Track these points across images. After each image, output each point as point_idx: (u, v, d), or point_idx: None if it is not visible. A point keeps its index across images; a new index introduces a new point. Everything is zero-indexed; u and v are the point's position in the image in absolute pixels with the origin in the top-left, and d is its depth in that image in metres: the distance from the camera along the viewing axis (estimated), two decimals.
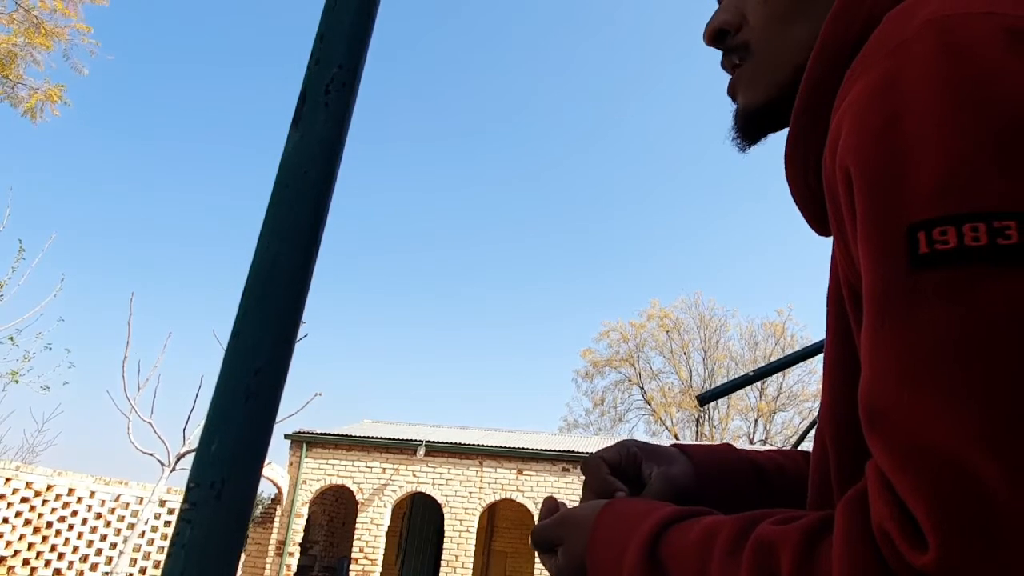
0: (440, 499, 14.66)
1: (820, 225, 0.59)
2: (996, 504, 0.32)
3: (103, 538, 12.36)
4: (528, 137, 41.79)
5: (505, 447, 14.95)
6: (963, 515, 0.32)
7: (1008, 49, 0.37)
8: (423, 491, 14.78)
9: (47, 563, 11.52)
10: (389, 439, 15.10)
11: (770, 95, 0.61)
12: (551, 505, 0.64)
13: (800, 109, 0.54)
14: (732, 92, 0.66)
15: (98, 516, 12.35)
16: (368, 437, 15.14)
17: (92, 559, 12.18)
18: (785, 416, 27.09)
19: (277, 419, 0.56)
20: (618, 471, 0.67)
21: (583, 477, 0.68)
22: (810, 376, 26.70)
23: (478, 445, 15.00)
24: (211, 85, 41.96)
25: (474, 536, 14.47)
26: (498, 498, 14.70)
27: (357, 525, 14.56)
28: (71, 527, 11.88)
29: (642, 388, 27.94)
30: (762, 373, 2.94)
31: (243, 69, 42.84)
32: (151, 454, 10.82)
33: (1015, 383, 0.32)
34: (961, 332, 0.34)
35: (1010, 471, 0.31)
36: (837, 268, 0.48)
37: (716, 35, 0.66)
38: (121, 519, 12.64)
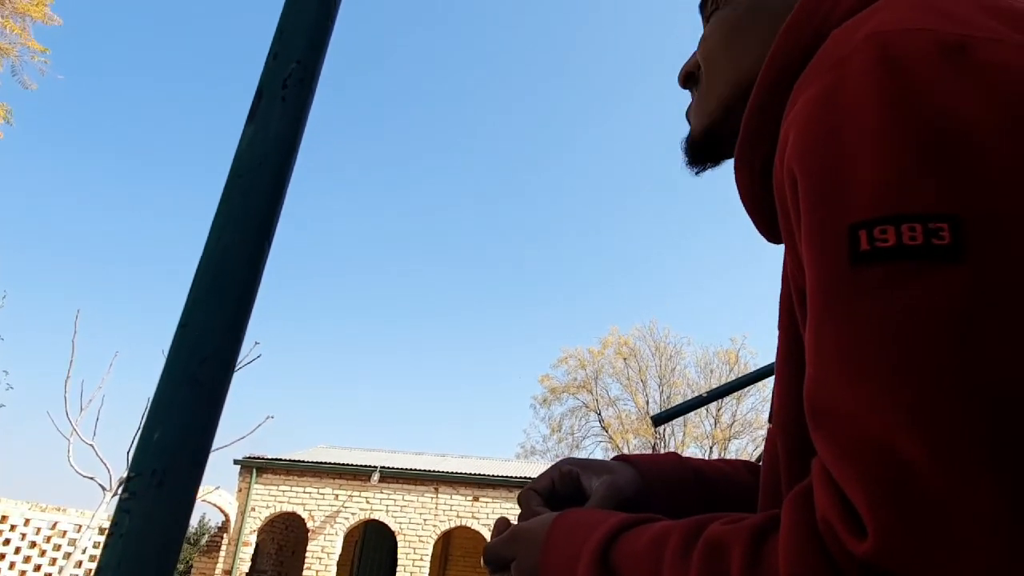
0: (394, 526, 14.37)
1: (769, 231, 0.60)
2: (923, 485, 0.33)
3: (37, 568, 11.76)
4: (481, 164, 42.07)
5: (461, 473, 14.78)
6: (897, 500, 0.33)
7: (941, 62, 0.39)
8: (377, 518, 14.48)
9: None
10: (342, 464, 14.79)
11: (713, 116, 0.65)
12: (503, 524, 0.63)
13: (750, 113, 0.56)
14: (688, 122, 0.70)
15: (32, 545, 11.76)
16: (321, 463, 14.80)
17: None
18: (739, 443, 27.38)
19: (227, 443, 0.55)
20: (553, 496, 0.67)
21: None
22: (763, 404, 27.10)
23: (434, 471, 14.81)
24: (157, 101, 41.33)
25: (428, 564, 14.20)
26: (453, 525, 14.49)
27: (307, 554, 14.16)
28: (2, 556, 11.29)
29: (599, 415, 27.99)
30: (716, 394, 2.98)
31: (187, 87, 42.35)
32: (92, 478, 10.38)
33: (941, 371, 0.34)
34: (895, 324, 0.35)
35: (934, 451, 0.33)
36: (788, 273, 0.49)
37: (685, 79, 0.71)
38: (57, 548, 12.06)
